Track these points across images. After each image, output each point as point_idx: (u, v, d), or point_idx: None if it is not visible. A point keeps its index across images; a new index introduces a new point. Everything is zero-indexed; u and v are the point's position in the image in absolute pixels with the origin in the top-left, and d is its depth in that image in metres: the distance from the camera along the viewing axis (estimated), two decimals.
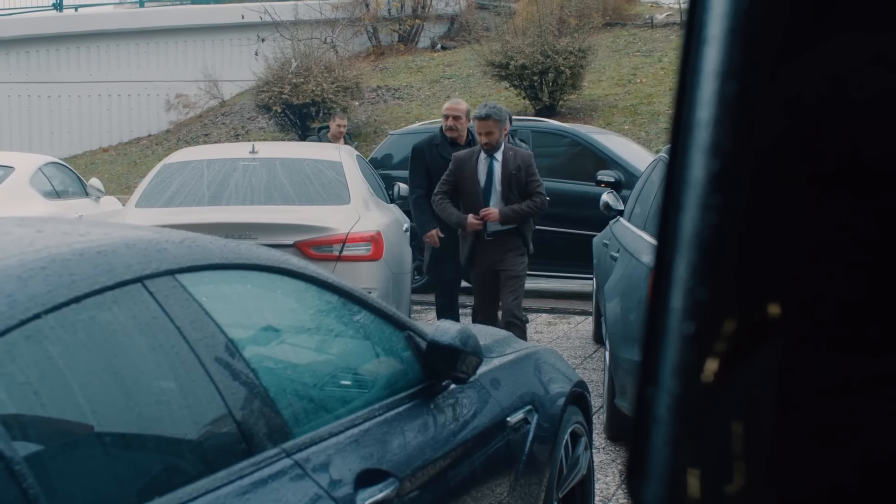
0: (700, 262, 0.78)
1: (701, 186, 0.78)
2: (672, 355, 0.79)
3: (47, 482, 2.14)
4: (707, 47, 0.80)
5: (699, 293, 0.78)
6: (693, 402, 0.79)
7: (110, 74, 28.83)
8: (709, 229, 0.78)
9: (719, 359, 0.77)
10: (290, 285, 3.32)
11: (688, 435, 0.79)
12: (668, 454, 0.80)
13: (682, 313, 0.79)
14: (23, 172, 12.37)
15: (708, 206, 0.78)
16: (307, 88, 22.78)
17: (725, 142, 0.78)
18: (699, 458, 0.79)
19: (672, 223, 0.80)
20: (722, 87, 0.78)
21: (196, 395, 2.64)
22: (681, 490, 0.79)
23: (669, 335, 0.80)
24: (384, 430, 3.25)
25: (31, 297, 2.31)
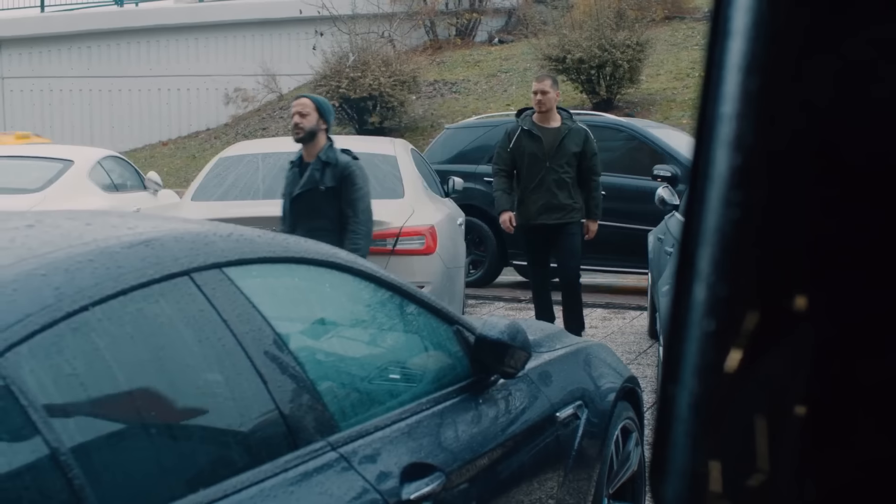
0: (721, 257, 0.77)
1: (723, 181, 0.78)
2: (693, 352, 0.79)
3: (93, 473, 2.16)
4: (731, 41, 0.79)
5: (720, 289, 0.77)
6: (714, 398, 0.78)
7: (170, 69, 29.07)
8: (730, 224, 0.77)
9: (740, 355, 0.76)
10: (337, 279, 3.33)
11: (709, 431, 0.79)
12: (689, 450, 0.79)
13: (704, 309, 0.78)
14: (82, 166, 12.51)
15: (730, 201, 0.77)
16: (364, 82, 22.83)
17: (748, 136, 0.77)
18: (720, 454, 0.78)
19: (695, 217, 0.79)
20: (745, 81, 0.77)
21: (242, 388, 2.65)
22: (702, 484, 0.78)
23: (691, 332, 0.79)
24: (431, 424, 3.25)
25: (79, 289, 2.33)
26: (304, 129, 7.14)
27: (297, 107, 7.28)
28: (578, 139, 8.77)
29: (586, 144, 8.78)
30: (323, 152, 7.14)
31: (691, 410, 0.79)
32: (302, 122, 7.17)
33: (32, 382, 2.14)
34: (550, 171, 8.68)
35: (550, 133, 8.74)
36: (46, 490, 2.09)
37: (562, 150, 8.70)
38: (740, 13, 0.78)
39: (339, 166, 7.08)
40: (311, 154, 7.19)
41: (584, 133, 8.84)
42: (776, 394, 0.76)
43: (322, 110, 7.25)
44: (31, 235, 2.61)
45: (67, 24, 30.36)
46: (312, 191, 7.10)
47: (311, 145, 7.18)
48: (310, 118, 7.13)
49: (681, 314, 0.80)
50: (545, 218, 8.68)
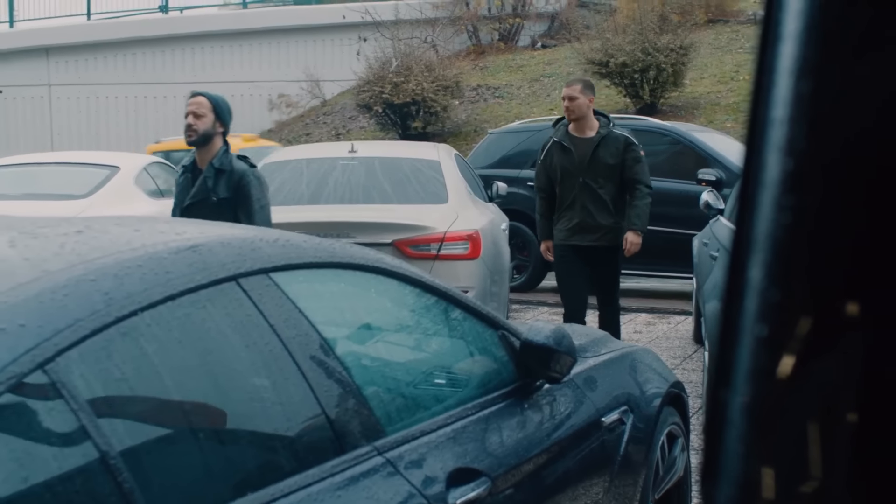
0: (773, 262, 0.77)
1: (775, 186, 0.77)
2: (745, 357, 0.78)
3: (142, 477, 2.18)
4: (782, 44, 0.78)
5: (772, 294, 0.77)
6: (766, 404, 0.78)
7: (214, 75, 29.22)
8: (782, 229, 0.77)
9: (793, 360, 0.76)
10: (383, 284, 3.34)
11: (761, 436, 0.78)
12: (742, 455, 0.79)
13: (755, 315, 0.78)
14: (128, 172, 12.61)
15: (782, 205, 0.77)
16: (408, 88, 22.88)
17: (800, 140, 0.77)
18: (773, 460, 0.78)
19: (746, 223, 0.79)
20: (797, 85, 0.77)
21: (289, 393, 2.67)
22: (755, 491, 0.78)
23: (742, 337, 0.79)
24: (477, 429, 3.25)
25: (128, 294, 2.35)
26: (197, 132, 6.31)
27: (191, 106, 6.40)
28: (615, 148, 7.80)
29: (626, 153, 7.81)
30: (217, 159, 6.33)
31: (743, 415, 0.79)
32: (196, 124, 6.32)
33: (82, 387, 2.16)
34: (585, 187, 7.80)
35: (583, 144, 7.85)
36: (97, 494, 2.11)
37: (595, 162, 7.78)
38: (791, 17, 0.78)
39: (235, 175, 6.27)
40: (205, 160, 6.37)
41: (622, 140, 7.84)
42: (828, 400, 0.76)
43: (219, 111, 6.43)
44: (81, 241, 2.63)
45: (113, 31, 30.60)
46: (204, 202, 6.28)
47: (204, 150, 6.37)
48: (205, 119, 6.32)
49: (732, 319, 0.80)
50: (578, 239, 7.83)
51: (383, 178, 8.77)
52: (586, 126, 7.88)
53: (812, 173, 0.76)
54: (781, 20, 0.79)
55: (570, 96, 7.83)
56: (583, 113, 7.82)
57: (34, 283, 2.27)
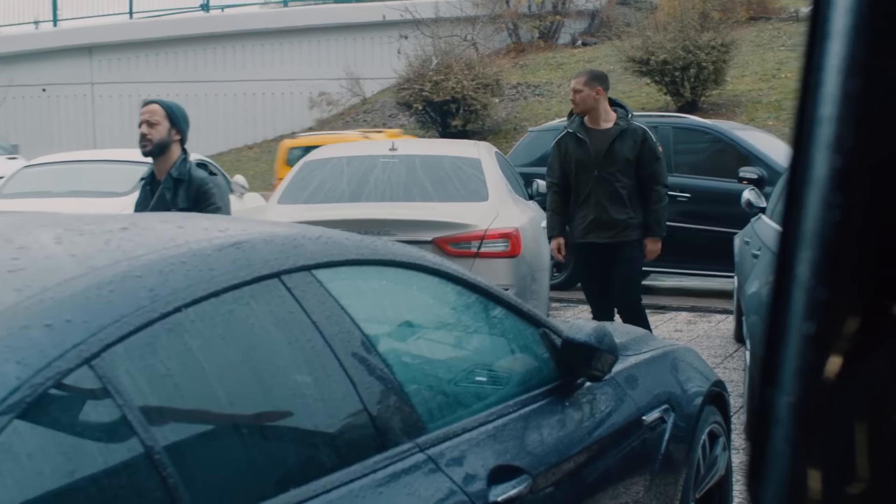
0: (821, 260, 0.77)
1: (823, 184, 0.77)
2: (793, 356, 0.78)
3: (187, 472, 2.20)
4: (831, 42, 0.78)
5: (820, 292, 0.77)
6: (814, 403, 0.78)
7: (255, 73, 29.37)
8: (830, 227, 0.77)
9: (841, 359, 0.76)
10: (425, 281, 3.35)
11: (809, 436, 0.78)
12: (789, 455, 0.79)
13: (803, 313, 0.78)
14: None
15: (830, 203, 0.77)
16: (447, 86, 22.90)
17: (848, 139, 0.77)
18: (820, 459, 0.77)
19: (793, 221, 0.79)
20: (845, 83, 0.77)
21: (331, 389, 2.68)
22: (801, 491, 0.78)
23: (790, 335, 0.79)
24: (518, 427, 3.25)
25: (172, 291, 2.37)
26: (151, 141, 5.99)
27: (144, 115, 6.05)
28: (633, 142, 7.55)
29: (644, 147, 7.57)
30: (175, 168, 6.00)
31: (791, 414, 0.79)
32: (150, 133, 6.00)
33: (128, 382, 2.18)
34: (600, 181, 7.55)
35: (599, 136, 7.60)
36: (141, 489, 2.13)
37: (612, 155, 7.52)
38: (839, 14, 0.78)
39: (194, 184, 5.97)
40: (163, 170, 6.05)
41: (640, 133, 7.59)
42: (876, 400, 0.75)
43: (174, 118, 6.07)
44: (126, 238, 2.66)
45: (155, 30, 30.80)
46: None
47: (162, 160, 6.04)
48: (159, 128, 5.99)
49: (780, 317, 0.80)
50: (594, 236, 7.59)
51: (424, 175, 8.78)
52: (600, 118, 7.65)
53: (860, 171, 0.76)
54: (829, 18, 0.79)
55: (574, 88, 7.66)
56: (589, 105, 7.60)
57: (80, 280, 2.30)
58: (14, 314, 2.13)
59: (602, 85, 7.64)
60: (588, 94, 7.56)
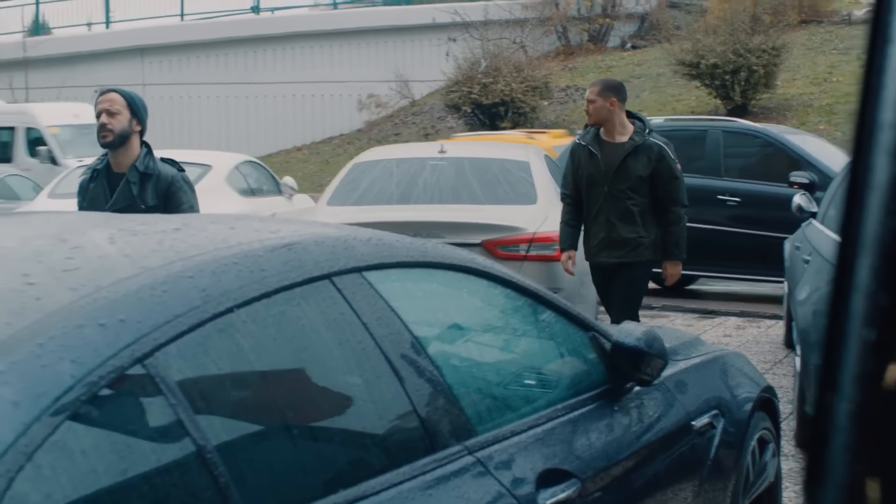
0: (882, 266, 0.76)
1: (884, 189, 0.77)
2: (852, 362, 0.78)
3: (238, 472, 2.21)
4: (893, 47, 0.78)
5: (880, 298, 0.76)
6: (873, 410, 0.77)
7: (304, 75, 29.47)
8: (892, 233, 0.76)
9: None
10: (475, 284, 3.35)
11: (868, 443, 0.78)
12: (848, 461, 0.78)
13: (863, 319, 0.77)
14: (220, 170, 12.77)
15: (891, 209, 0.76)
16: (496, 88, 22.90)
17: None
18: (880, 467, 0.77)
19: (853, 226, 0.79)
20: None
21: (381, 391, 2.69)
22: (860, 498, 0.77)
23: (850, 341, 0.78)
24: (567, 431, 3.25)
25: (224, 291, 2.38)
26: (112, 132, 5.58)
27: (102, 103, 5.66)
28: (647, 158, 7.03)
29: (660, 165, 7.03)
30: (140, 161, 5.64)
31: (850, 421, 0.78)
32: (110, 123, 5.59)
33: (180, 382, 2.20)
34: (610, 198, 7.09)
35: (612, 150, 7.12)
36: (193, 487, 2.15)
37: (623, 171, 7.05)
38: None
39: (163, 180, 5.63)
40: (123, 163, 5.65)
41: (656, 150, 7.05)
42: None
43: (134, 108, 5.69)
44: (179, 238, 2.68)
45: (205, 31, 31.00)
46: (129, 209, 5.43)
47: (121, 152, 5.64)
48: (120, 118, 5.61)
49: (839, 323, 0.79)
50: (605, 256, 7.18)
51: (473, 178, 8.79)
52: (615, 130, 7.15)
53: None
54: (891, 22, 0.79)
55: (588, 98, 7.23)
56: (602, 117, 7.12)
57: (134, 279, 2.32)
58: (69, 313, 2.16)
59: (616, 96, 7.16)
60: (601, 105, 7.11)
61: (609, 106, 7.06)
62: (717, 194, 12.25)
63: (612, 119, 7.10)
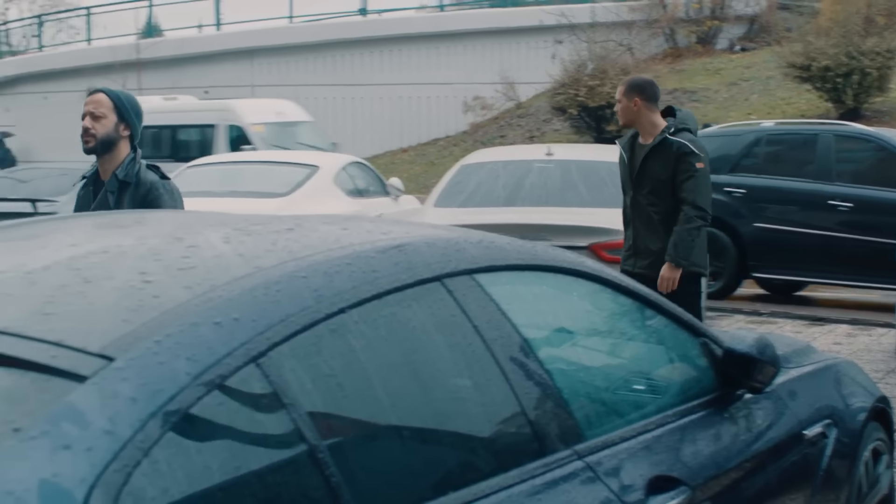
0: None
1: None
2: None
3: (349, 472, 2.22)
4: None
5: None
6: None
7: (410, 77, 29.61)
8: None
9: None
10: (585, 287, 3.32)
11: None
12: None
13: None
14: (327, 171, 12.88)
15: None
16: (603, 91, 22.76)
17: None
18: None
19: None
20: None
21: (491, 394, 2.68)
22: None
23: None
24: (677, 438, 3.20)
25: (337, 292, 2.39)
26: (95, 137, 5.14)
27: (88, 105, 5.19)
28: (666, 158, 6.58)
29: (679, 163, 6.55)
30: (121, 168, 5.15)
31: None
32: (94, 127, 5.14)
33: (292, 381, 2.21)
34: (635, 205, 6.74)
35: (639, 152, 6.74)
36: (305, 486, 2.16)
37: (643, 174, 6.67)
38: None
39: (142, 187, 5.13)
40: (108, 170, 5.21)
41: (675, 148, 6.57)
42: None
43: (123, 110, 5.20)
44: (292, 238, 2.70)
45: (314, 33, 31.32)
46: None
47: (108, 158, 5.19)
48: (105, 122, 5.15)
49: None
50: (631, 264, 6.76)
51: (580, 181, 8.75)
52: (644, 131, 6.74)
53: None
54: None
55: (616, 98, 6.87)
56: (629, 118, 6.74)
57: (248, 279, 2.34)
58: (185, 311, 2.18)
59: (640, 95, 6.71)
60: (626, 106, 6.72)
61: (633, 106, 6.69)
62: (827, 199, 12.05)
63: (639, 119, 6.72)
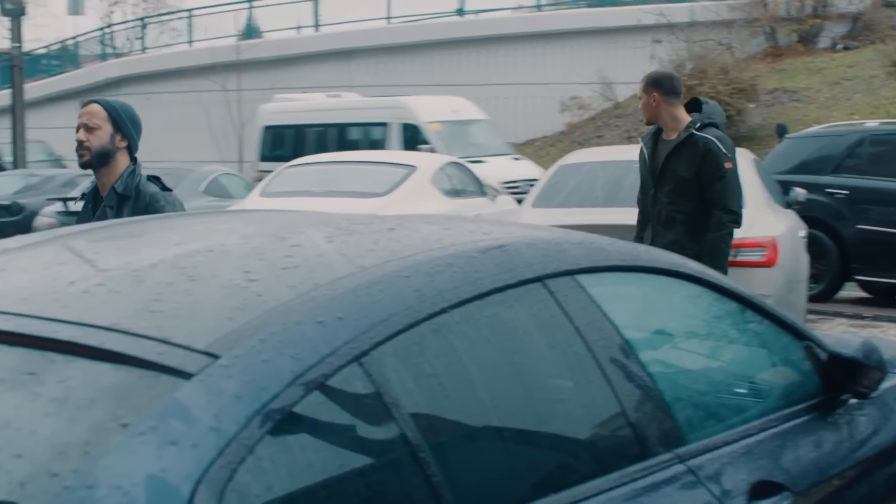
0: None
1: None
2: None
3: (449, 472, 2.22)
4: None
5: None
6: None
7: (507, 77, 29.59)
8: None
9: None
10: (686, 289, 3.28)
11: None
12: None
13: None
14: (425, 171, 12.92)
15: None
16: (702, 90, 22.48)
17: None
18: None
19: None
20: None
21: (592, 396, 2.66)
22: None
23: None
24: (779, 442, 3.16)
25: (439, 292, 2.40)
26: (90, 150, 4.88)
27: (82, 117, 4.93)
28: (693, 156, 6.36)
29: (704, 162, 6.33)
30: (120, 182, 4.89)
31: None
32: (88, 140, 4.89)
33: (394, 380, 2.22)
34: (655, 202, 6.52)
35: (661, 149, 6.55)
36: (406, 485, 2.17)
37: (665, 172, 6.46)
38: None
39: (142, 201, 4.87)
40: (106, 185, 4.95)
41: (701, 145, 6.36)
42: None
43: (118, 120, 4.94)
44: (394, 238, 2.71)
45: (411, 34, 31.45)
46: None
47: (105, 171, 4.94)
48: (99, 133, 4.89)
49: None
50: None
51: None
52: (668, 127, 6.55)
53: None
54: None
55: (638, 96, 6.68)
56: (650, 114, 6.57)
57: (351, 278, 2.35)
58: (288, 310, 2.20)
59: (658, 90, 6.52)
60: (645, 102, 6.56)
61: (652, 102, 6.50)
62: None
63: (660, 115, 6.53)
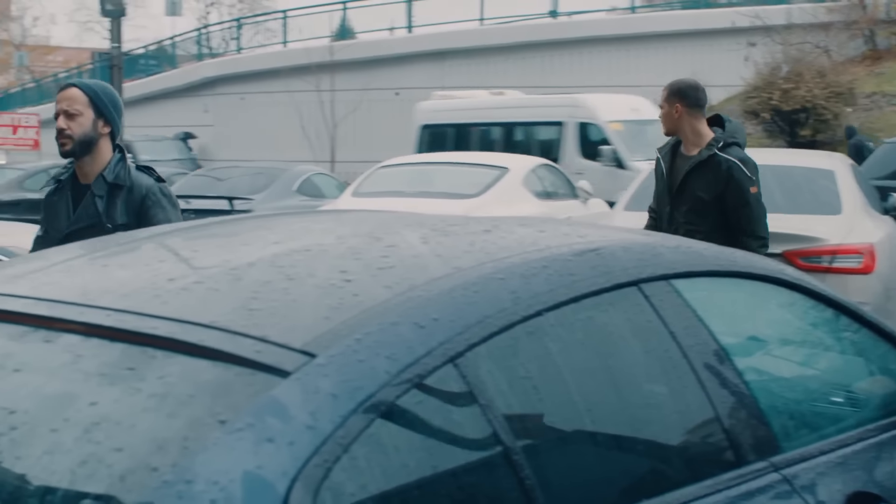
0: None
1: None
2: None
3: (542, 474, 2.21)
4: None
5: None
6: None
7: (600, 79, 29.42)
8: None
9: None
10: (783, 296, 3.24)
11: None
12: None
13: None
14: (517, 173, 12.92)
15: None
16: (798, 94, 22.24)
17: None
18: None
19: None
20: None
21: (686, 401, 2.64)
22: None
23: None
24: (878, 453, 3.10)
25: (534, 294, 2.40)
26: (72, 138, 4.56)
27: (61, 103, 4.59)
28: (715, 178, 5.89)
29: (728, 189, 5.88)
30: (109, 170, 4.60)
31: None
32: (69, 127, 4.56)
33: (489, 382, 2.22)
34: (672, 221, 6.02)
35: (680, 164, 6.08)
36: (499, 488, 2.17)
37: (683, 191, 6.01)
38: None
39: (137, 192, 4.58)
40: (90, 173, 4.63)
41: (724, 168, 5.89)
42: None
43: (100, 104, 4.60)
44: (489, 240, 2.72)
45: (504, 35, 31.44)
46: (93, 229, 4.37)
47: (87, 160, 4.62)
48: (81, 120, 4.57)
49: None
50: None
51: (774, 186, 8.55)
52: (688, 141, 6.10)
53: None
54: None
55: (658, 105, 6.30)
56: (672, 126, 6.13)
57: (446, 279, 2.36)
58: (384, 310, 2.21)
59: (682, 100, 6.09)
60: (667, 112, 6.12)
61: (674, 113, 6.08)
62: None
63: (681, 128, 6.09)
